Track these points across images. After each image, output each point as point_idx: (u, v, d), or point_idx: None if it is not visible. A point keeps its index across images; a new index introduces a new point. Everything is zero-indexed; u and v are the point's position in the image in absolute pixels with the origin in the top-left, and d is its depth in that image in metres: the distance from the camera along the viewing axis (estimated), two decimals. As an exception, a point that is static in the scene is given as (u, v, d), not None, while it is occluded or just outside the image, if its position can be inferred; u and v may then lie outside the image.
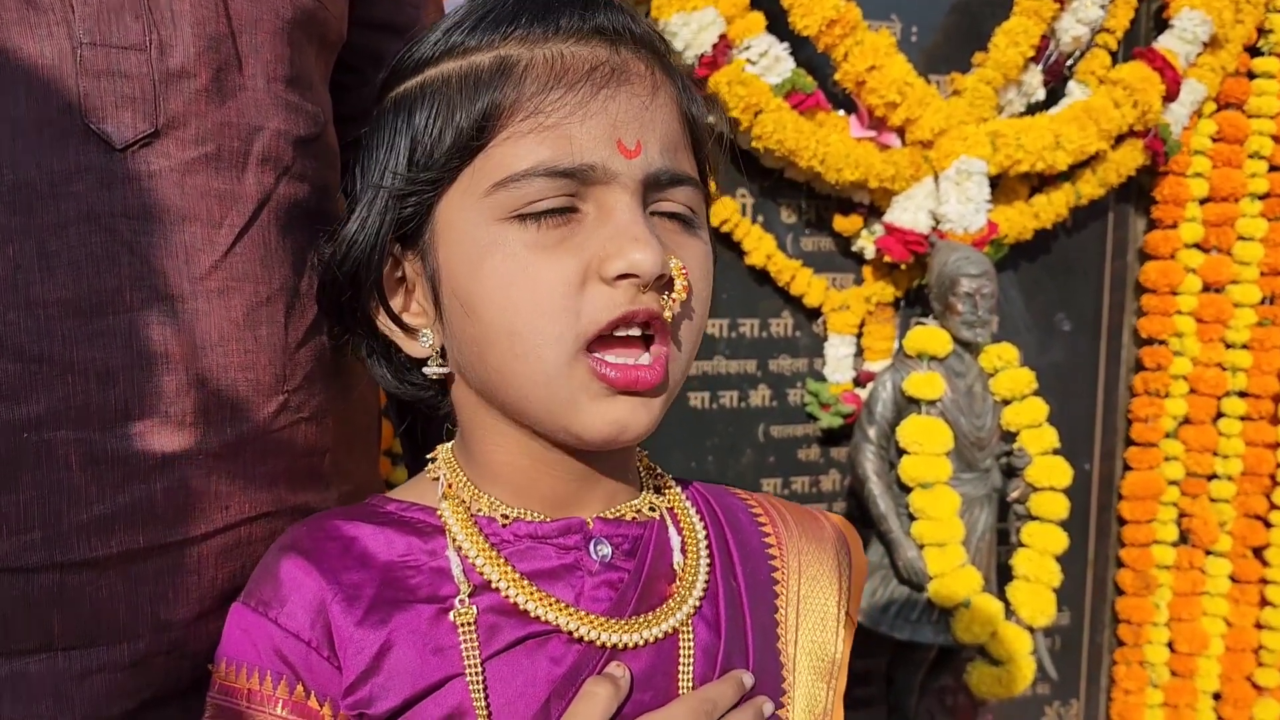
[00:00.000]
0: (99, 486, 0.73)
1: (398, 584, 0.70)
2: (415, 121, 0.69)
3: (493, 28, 0.68)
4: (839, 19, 2.00)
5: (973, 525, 2.06)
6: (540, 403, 0.68)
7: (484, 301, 0.67)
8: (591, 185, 0.66)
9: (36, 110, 0.70)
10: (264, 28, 0.80)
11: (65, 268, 0.71)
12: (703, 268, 0.71)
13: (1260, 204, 2.50)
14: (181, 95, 0.75)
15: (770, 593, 0.80)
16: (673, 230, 0.70)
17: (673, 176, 0.69)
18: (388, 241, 0.71)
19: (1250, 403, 2.55)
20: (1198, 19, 2.25)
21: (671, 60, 0.73)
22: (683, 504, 0.81)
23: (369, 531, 0.72)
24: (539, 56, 0.67)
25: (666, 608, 0.73)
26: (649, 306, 0.66)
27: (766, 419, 2.29)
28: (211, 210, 0.77)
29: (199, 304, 0.76)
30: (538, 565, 0.72)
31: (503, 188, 0.65)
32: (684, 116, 0.72)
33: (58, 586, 0.73)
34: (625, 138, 0.66)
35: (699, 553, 0.78)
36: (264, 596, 0.70)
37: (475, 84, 0.67)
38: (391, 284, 0.75)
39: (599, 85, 0.66)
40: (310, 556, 0.70)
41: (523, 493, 0.74)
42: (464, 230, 0.68)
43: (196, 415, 0.77)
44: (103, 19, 0.72)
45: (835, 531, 0.86)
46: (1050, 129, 2.18)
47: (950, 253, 2.06)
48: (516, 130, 0.66)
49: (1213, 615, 2.58)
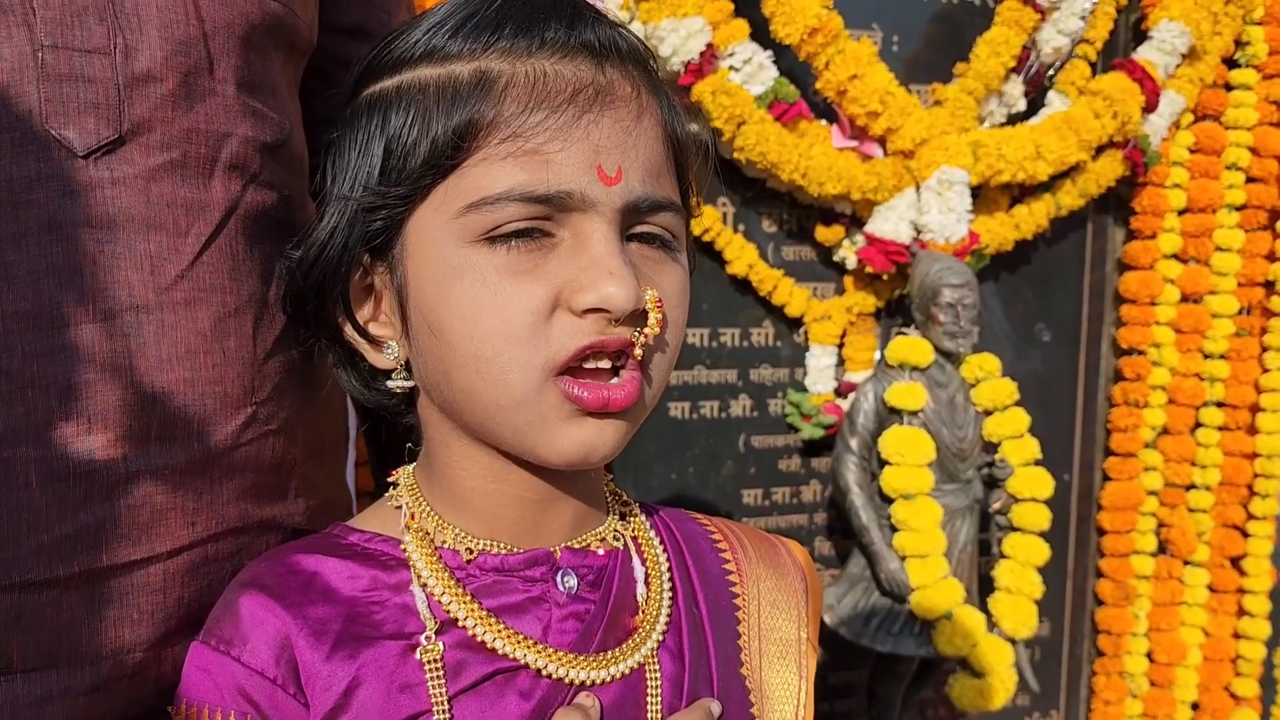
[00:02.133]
0: (60, 505, 0.71)
1: (363, 619, 0.69)
2: (390, 128, 0.67)
3: (475, 35, 0.66)
4: (820, 28, 1.99)
5: (954, 537, 2.04)
6: (507, 426, 0.67)
7: (452, 325, 0.65)
8: (568, 212, 0.64)
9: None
10: (234, 32, 0.78)
11: (25, 279, 0.69)
12: (679, 293, 0.70)
13: (1237, 215, 2.50)
14: (147, 100, 0.73)
15: (733, 619, 0.79)
16: (650, 255, 0.69)
17: (653, 203, 0.67)
18: (356, 252, 0.70)
19: (1228, 413, 2.55)
20: (1176, 30, 2.25)
21: (656, 78, 0.71)
22: (646, 532, 0.80)
23: (332, 566, 0.71)
24: (521, 73, 0.64)
25: (632, 643, 0.73)
26: (620, 336, 0.65)
27: (747, 429, 2.28)
28: (178, 219, 0.75)
29: (164, 316, 0.74)
30: (504, 600, 0.71)
31: (475, 210, 0.64)
32: (668, 138, 0.70)
33: (16, 608, 0.70)
34: (606, 164, 0.64)
35: (662, 583, 0.77)
36: (225, 635, 0.68)
37: (453, 97, 0.64)
38: (359, 292, 0.73)
39: (582, 109, 0.64)
40: (271, 592, 0.69)
41: (488, 520, 0.73)
42: (434, 250, 0.66)
43: (162, 430, 0.74)
44: (65, 21, 0.70)
45: (793, 558, 0.86)
46: (1031, 139, 2.18)
47: (932, 263, 2.05)
48: (494, 152, 0.64)
49: (1191, 625, 2.58)
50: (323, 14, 0.95)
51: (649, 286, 0.66)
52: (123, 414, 0.72)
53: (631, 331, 0.65)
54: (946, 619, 1.98)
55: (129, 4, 0.72)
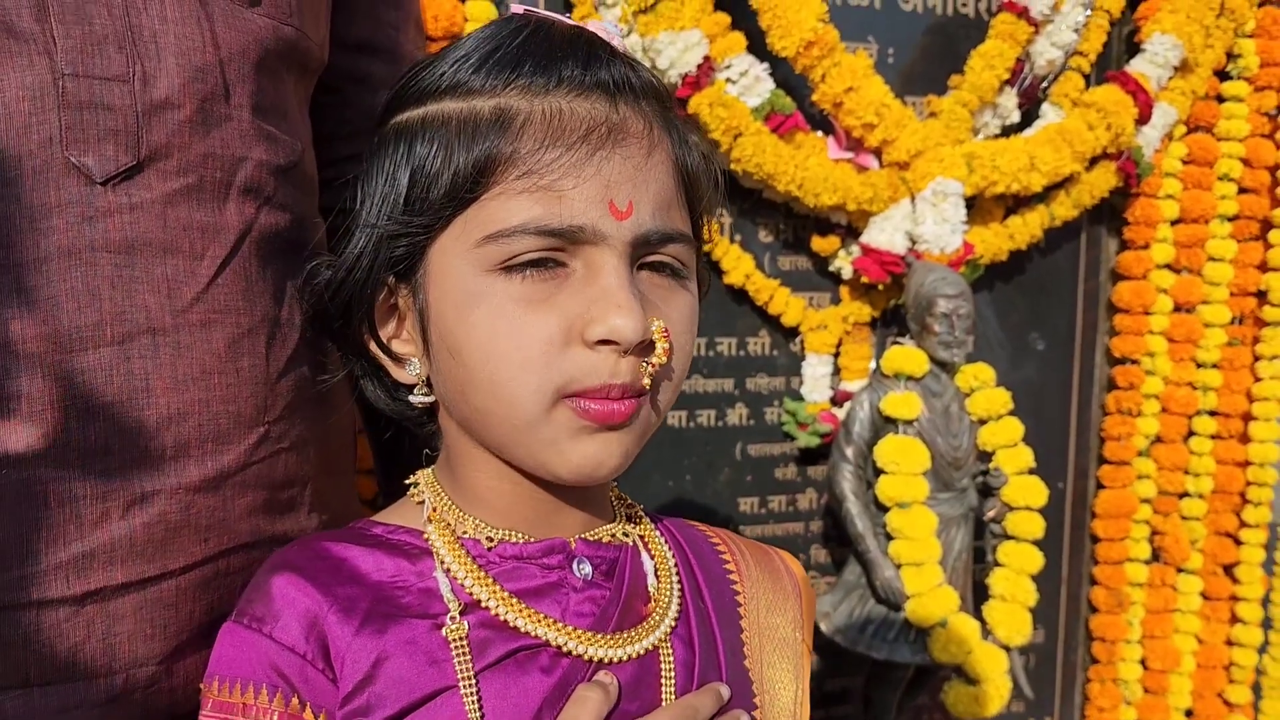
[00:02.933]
0: (78, 524, 0.72)
1: (390, 602, 0.72)
2: (415, 158, 0.70)
3: (496, 71, 0.69)
4: (817, 40, 2.01)
5: (949, 545, 2.06)
6: (520, 444, 0.71)
7: (469, 348, 0.69)
8: (581, 245, 0.67)
9: (16, 144, 0.69)
10: (249, 58, 0.80)
11: (44, 304, 0.70)
12: (687, 320, 0.73)
13: (1230, 226, 2.52)
14: (165, 127, 0.74)
15: (736, 615, 0.84)
16: (660, 283, 0.72)
17: (663, 235, 0.70)
18: (381, 275, 0.73)
19: (1221, 421, 2.57)
20: (1169, 43, 2.27)
21: (670, 112, 0.74)
22: (652, 532, 0.85)
23: (358, 553, 0.74)
24: (538, 110, 0.67)
25: (645, 626, 0.77)
26: (624, 381, 0.68)
27: (744, 438, 2.29)
28: (194, 243, 0.76)
29: (181, 338, 0.76)
30: (524, 584, 0.74)
31: (493, 241, 0.67)
32: (679, 171, 0.73)
33: (35, 624, 0.72)
34: (617, 199, 0.67)
35: (671, 577, 0.82)
36: (256, 613, 0.71)
37: (474, 131, 0.67)
38: (383, 311, 0.76)
39: (595, 146, 0.67)
40: (302, 573, 0.72)
41: (506, 515, 0.76)
42: (454, 277, 0.69)
43: (177, 450, 0.76)
44: (86, 50, 0.72)
45: (786, 566, 0.90)
46: (1025, 151, 2.19)
47: (927, 273, 2.07)
48: (511, 186, 0.66)
49: (1184, 632, 2.60)
50: (332, 31, 0.97)
51: (656, 316, 0.69)
52: (140, 435, 0.74)
53: (639, 363, 0.69)
54: (941, 626, 1.99)
55: (147, 32, 0.74)
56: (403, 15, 1.06)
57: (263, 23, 0.81)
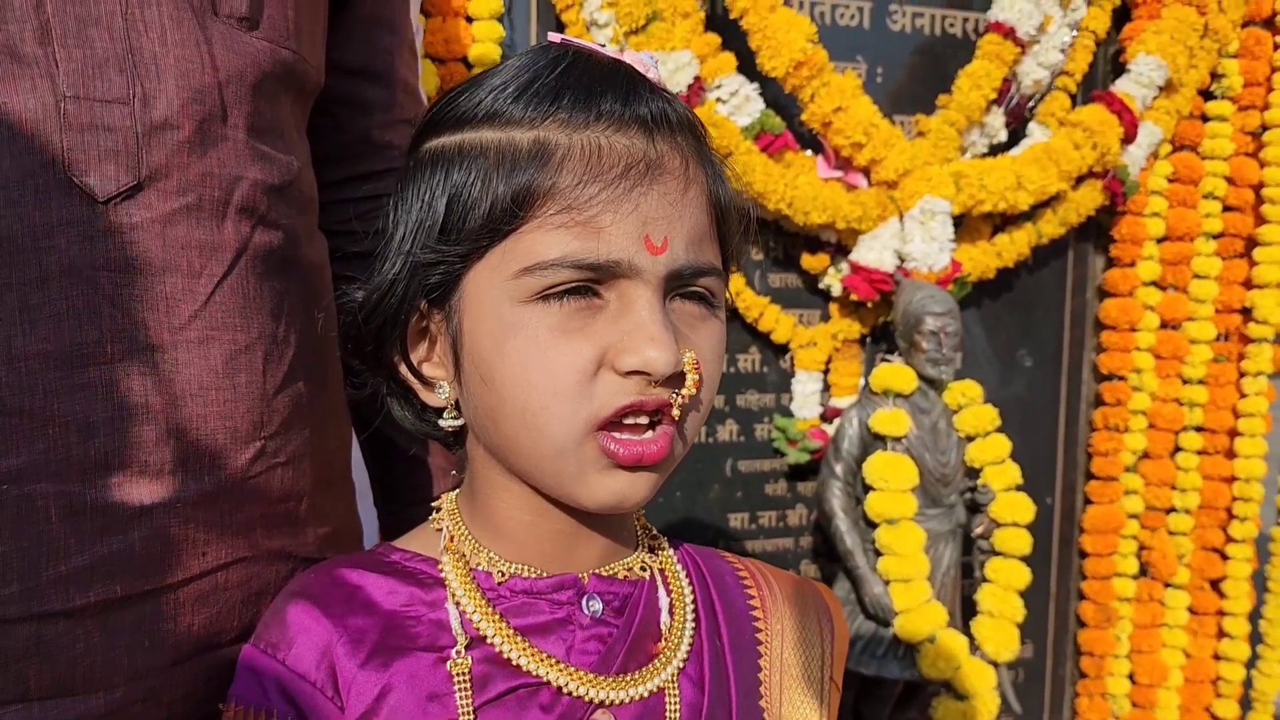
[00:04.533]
0: (78, 538, 0.73)
1: (399, 631, 0.73)
2: (452, 185, 0.70)
3: (535, 103, 0.69)
4: (806, 61, 2.03)
5: (938, 561, 2.08)
6: (548, 473, 0.71)
7: (503, 377, 0.69)
8: (616, 278, 0.67)
9: (19, 164, 0.70)
10: (246, 80, 0.81)
11: (47, 321, 0.71)
12: (716, 349, 0.73)
13: (1215, 243, 2.55)
14: (164, 147, 0.75)
15: (754, 653, 0.83)
16: (692, 312, 0.72)
17: (696, 270, 0.70)
18: (415, 302, 0.73)
19: (1206, 437, 2.60)
20: (1153, 64, 2.31)
21: (705, 145, 0.74)
22: (673, 565, 0.84)
23: (373, 580, 0.75)
24: (577, 144, 0.67)
25: (653, 667, 0.76)
26: (659, 396, 0.68)
27: (734, 454, 2.31)
28: (192, 261, 0.77)
29: (179, 354, 0.77)
30: (531, 620, 0.75)
31: (530, 273, 0.67)
32: (713, 206, 0.73)
33: (35, 637, 0.73)
34: (653, 234, 0.67)
35: (685, 614, 0.81)
36: (273, 639, 0.73)
37: (513, 163, 0.68)
38: (414, 334, 0.76)
39: (634, 183, 0.67)
40: (318, 602, 0.73)
41: (523, 547, 0.77)
42: (490, 307, 0.69)
43: (175, 465, 0.77)
44: (87, 73, 0.73)
45: (818, 599, 0.89)
46: (1012, 170, 2.22)
47: (915, 291, 2.09)
48: (549, 220, 0.67)
49: (1172, 647, 2.62)
50: (328, 55, 0.98)
51: (687, 348, 0.69)
52: (138, 450, 0.75)
53: (669, 392, 0.69)
54: (930, 642, 2.01)
55: (148, 54, 0.75)
56: (397, 41, 1.07)
57: (261, 46, 0.82)
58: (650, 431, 0.70)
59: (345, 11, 1.02)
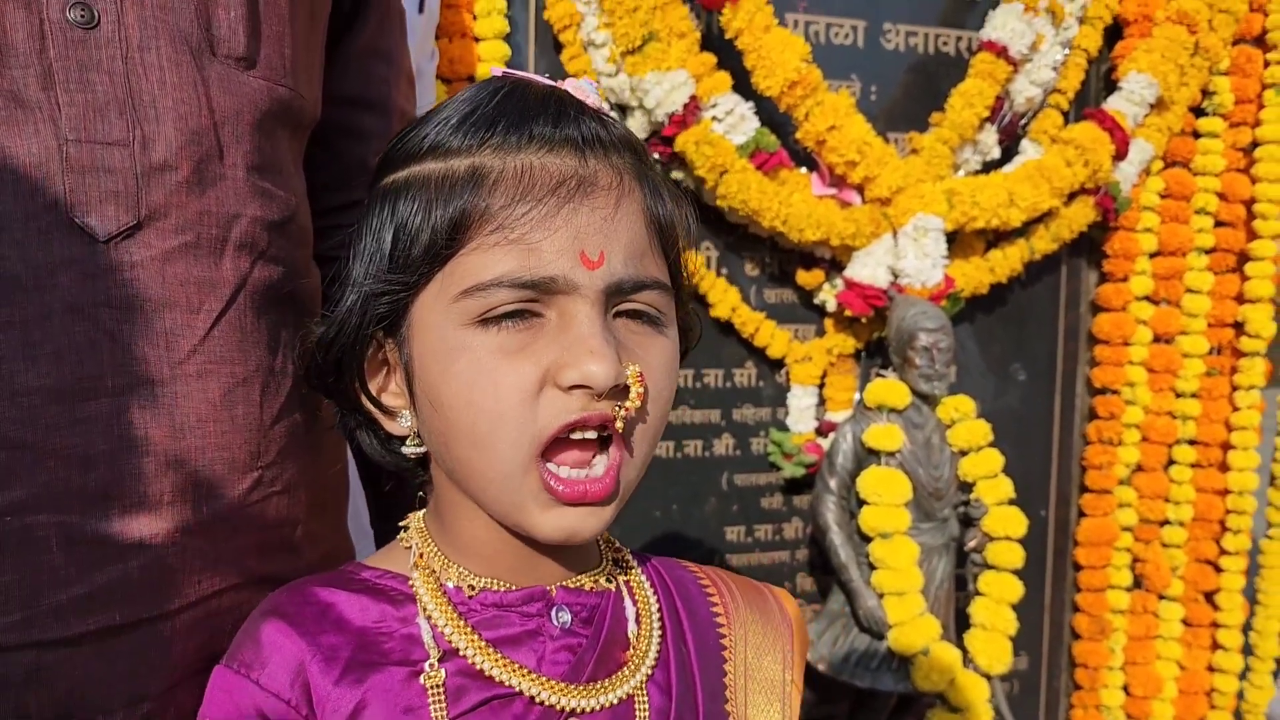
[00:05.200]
0: (78, 567, 0.75)
1: (372, 647, 0.74)
2: (398, 217, 0.72)
3: (473, 132, 0.71)
4: (800, 80, 2.06)
5: (931, 574, 2.09)
6: (495, 500, 0.73)
7: (450, 400, 0.71)
8: (554, 294, 0.69)
9: (23, 206, 0.72)
10: (244, 119, 0.83)
11: (49, 357, 0.73)
12: (665, 366, 0.74)
13: (1207, 258, 2.58)
14: (163, 187, 0.78)
15: (719, 658, 0.84)
16: (637, 330, 0.73)
17: (636, 283, 0.71)
18: (369, 333, 0.75)
19: (1200, 450, 2.62)
20: (1144, 81, 2.33)
21: (644, 164, 0.76)
22: (638, 577, 0.86)
23: (344, 598, 0.76)
24: (510, 167, 0.69)
25: (621, 674, 0.78)
26: (601, 411, 0.69)
27: (730, 468, 2.33)
28: (190, 297, 0.80)
29: (178, 388, 0.79)
30: (502, 632, 0.76)
31: (469, 295, 0.68)
32: (652, 221, 0.74)
33: (35, 664, 0.75)
34: (588, 249, 0.69)
35: (651, 622, 0.82)
36: (245, 658, 0.73)
37: (450, 189, 0.70)
38: (374, 365, 0.78)
39: (564, 199, 0.69)
40: (290, 620, 0.74)
41: (490, 563, 0.78)
42: (435, 331, 0.71)
43: (174, 495, 0.79)
44: (88, 116, 0.75)
45: (779, 605, 0.91)
46: (1004, 187, 2.24)
47: (908, 307, 2.11)
48: (485, 241, 0.68)
49: (1166, 659, 2.63)
50: (326, 86, 1.00)
51: (631, 361, 0.71)
52: (138, 481, 0.77)
53: (613, 405, 0.70)
54: (924, 655, 2.02)
55: (147, 97, 0.77)
56: (394, 71, 1.09)
57: (257, 85, 0.84)
58: (600, 460, 0.71)
59: (343, 44, 1.04)
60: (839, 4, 2.29)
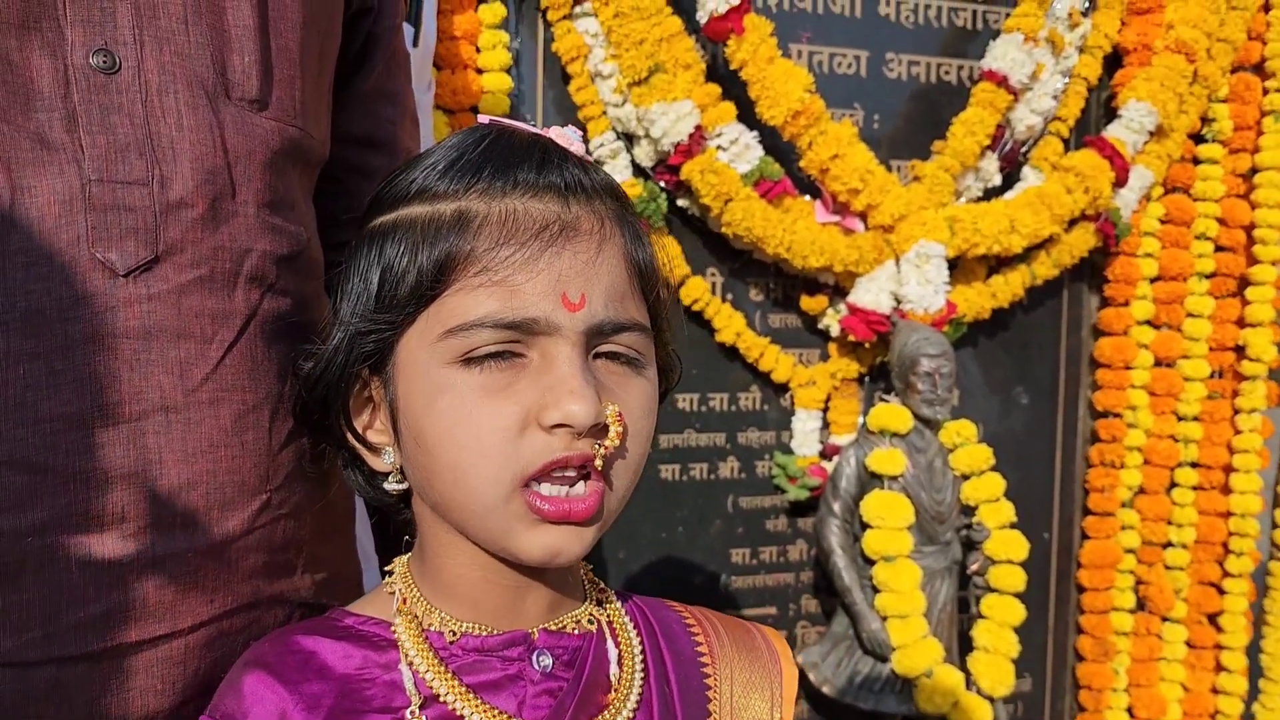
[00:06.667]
0: (96, 587, 0.79)
1: (354, 695, 0.75)
2: (385, 258, 0.75)
3: (459, 176, 0.74)
4: (804, 110, 2.09)
5: (934, 597, 2.12)
6: (480, 530, 0.75)
7: (433, 437, 0.73)
8: (536, 335, 0.71)
9: (47, 243, 0.76)
10: (255, 159, 0.87)
11: (70, 385, 0.77)
12: (643, 405, 0.76)
13: (1207, 283, 2.60)
14: (180, 224, 0.81)
15: (703, 698, 0.85)
16: (616, 371, 0.75)
17: (616, 325, 0.74)
18: (354, 370, 0.77)
19: (1202, 473, 2.63)
20: (1144, 110, 2.36)
21: (625, 209, 0.78)
22: (620, 617, 0.87)
23: (328, 645, 0.78)
24: (494, 212, 0.72)
25: (603, 718, 0.79)
26: (583, 451, 0.71)
27: (735, 490, 2.36)
28: (204, 328, 0.83)
29: (191, 414, 0.82)
30: (483, 678, 0.77)
31: (453, 335, 0.71)
32: (633, 265, 0.77)
33: (54, 680, 0.78)
34: (570, 291, 0.71)
35: (634, 664, 0.83)
36: (228, 709, 0.75)
37: (436, 232, 0.72)
38: (360, 402, 0.81)
39: (547, 243, 0.71)
40: (272, 670, 0.76)
41: (474, 605, 0.80)
42: (419, 370, 0.73)
43: (187, 517, 0.82)
44: (110, 158, 0.79)
45: (767, 643, 0.91)
46: (1005, 214, 2.27)
47: (910, 333, 2.14)
48: (469, 283, 0.71)
49: (1170, 681, 2.64)
50: (335, 126, 1.04)
51: (610, 401, 0.73)
52: (153, 503, 0.80)
53: (593, 444, 0.72)
54: (927, 677, 2.04)
55: (165, 139, 0.81)
56: (400, 111, 1.13)
57: (270, 126, 0.88)
58: (581, 485, 0.73)
59: (351, 86, 1.08)
60: (842, 34, 2.33)
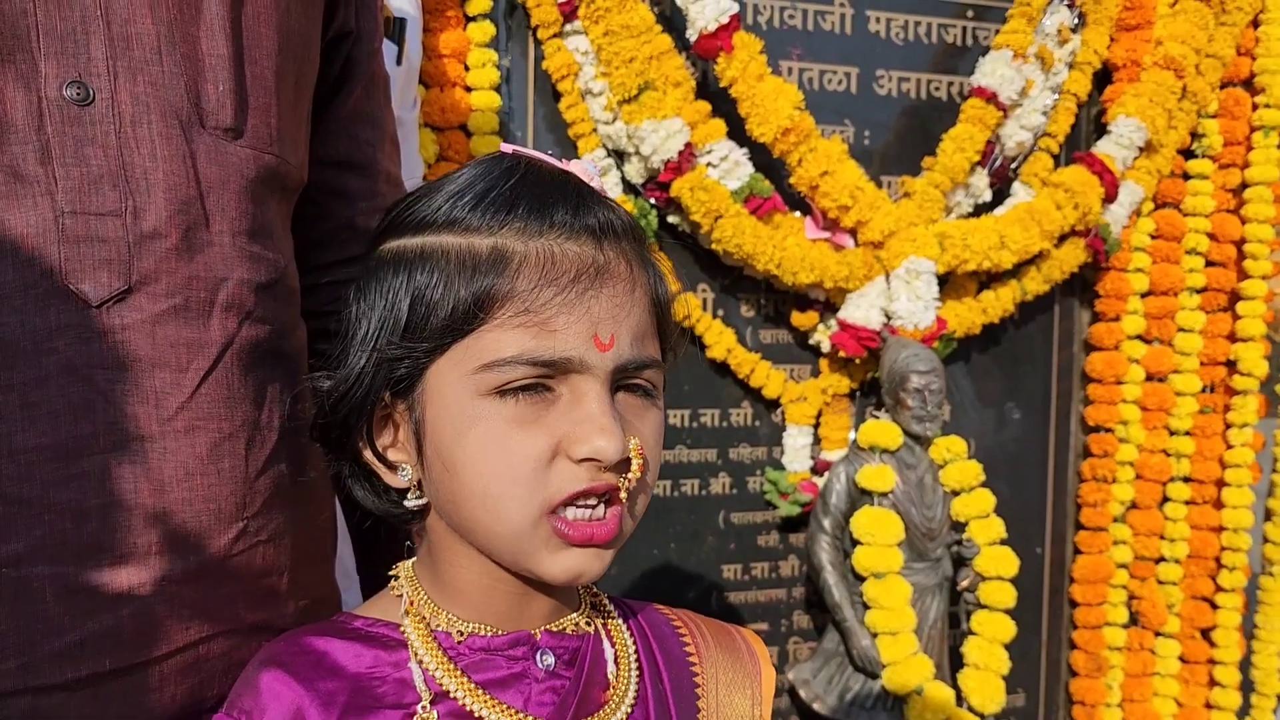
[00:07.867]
0: (71, 616, 0.79)
1: (367, 692, 0.78)
2: (415, 285, 0.76)
3: (493, 212, 0.75)
4: (794, 127, 2.10)
5: (924, 614, 2.12)
6: (504, 551, 0.77)
7: (464, 465, 0.75)
8: (568, 373, 0.74)
9: (21, 276, 0.77)
10: (230, 188, 0.87)
11: (46, 417, 0.77)
12: (657, 435, 0.80)
13: (1198, 298, 2.61)
14: (153, 254, 0.82)
15: (693, 695, 0.89)
16: (634, 403, 0.78)
17: (639, 364, 0.77)
18: (381, 392, 0.79)
19: (1194, 488, 2.63)
20: (1133, 126, 2.37)
21: (645, 248, 0.81)
22: (615, 620, 0.91)
23: (339, 646, 0.80)
24: (533, 252, 0.74)
25: (603, 714, 0.82)
26: (608, 481, 0.75)
27: (727, 506, 2.36)
28: (179, 357, 0.83)
29: (167, 444, 0.83)
30: (490, 675, 0.80)
31: (489, 369, 0.73)
32: (654, 304, 0.80)
33: (32, 709, 0.78)
34: (602, 333, 0.74)
35: (629, 663, 0.87)
36: (245, 706, 0.77)
37: (474, 268, 0.74)
38: (378, 421, 0.82)
39: (585, 287, 0.74)
40: (287, 668, 0.78)
41: (479, 608, 0.82)
42: (452, 399, 0.75)
43: (162, 546, 0.83)
44: (83, 189, 0.79)
45: (746, 644, 0.95)
46: (995, 230, 2.28)
47: (900, 350, 2.14)
48: (508, 321, 0.73)
49: (1164, 696, 2.64)
50: (313, 149, 1.04)
51: (632, 435, 0.76)
52: (128, 533, 0.81)
53: (618, 477, 0.75)
54: (917, 694, 2.04)
55: (138, 170, 0.82)
56: (379, 134, 1.14)
57: (245, 154, 0.89)
58: (602, 510, 0.76)
59: (330, 110, 1.08)
60: (832, 51, 2.34)
